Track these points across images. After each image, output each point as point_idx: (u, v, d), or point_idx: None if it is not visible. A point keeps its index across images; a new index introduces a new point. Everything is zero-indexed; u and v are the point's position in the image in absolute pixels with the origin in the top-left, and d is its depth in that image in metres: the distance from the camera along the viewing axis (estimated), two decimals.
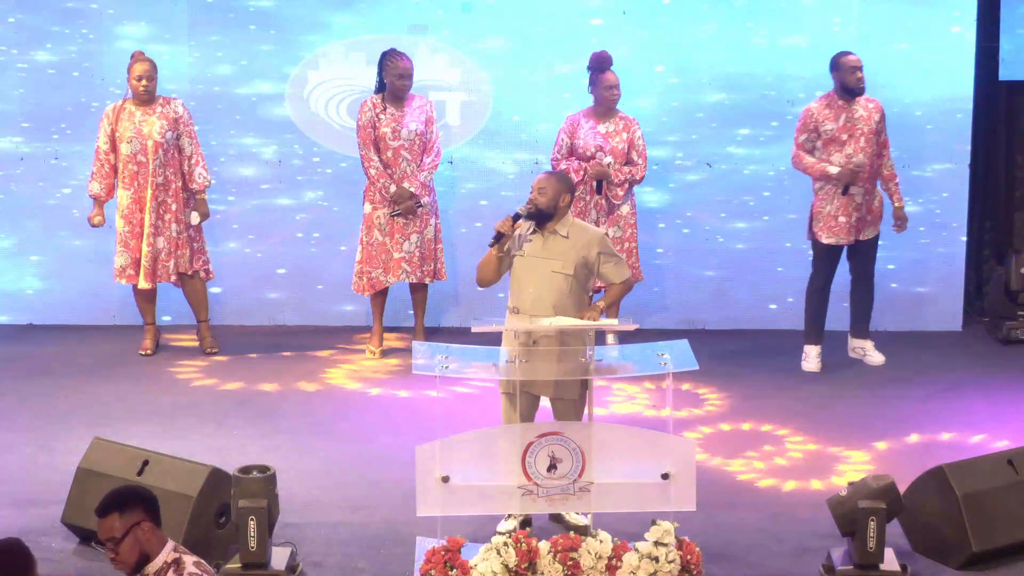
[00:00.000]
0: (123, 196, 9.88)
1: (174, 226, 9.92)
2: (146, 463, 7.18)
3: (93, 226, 10.00)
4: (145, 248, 9.89)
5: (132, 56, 9.92)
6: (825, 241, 9.78)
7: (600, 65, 9.97)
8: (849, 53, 9.72)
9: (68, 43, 10.63)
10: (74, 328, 10.78)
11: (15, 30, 10.62)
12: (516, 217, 7.35)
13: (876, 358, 10.08)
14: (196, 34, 10.59)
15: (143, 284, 9.94)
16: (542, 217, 7.33)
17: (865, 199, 9.75)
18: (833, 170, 9.61)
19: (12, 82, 10.68)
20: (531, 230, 7.37)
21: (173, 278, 10.01)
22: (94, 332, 10.71)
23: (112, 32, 10.62)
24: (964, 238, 10.81)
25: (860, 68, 9.67)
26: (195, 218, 9.99)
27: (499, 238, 7.34)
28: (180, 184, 9.93)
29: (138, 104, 9.87)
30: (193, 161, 9.95)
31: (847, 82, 9.65)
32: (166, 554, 5.27)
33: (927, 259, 10.77)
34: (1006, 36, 10.69)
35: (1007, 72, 10.78)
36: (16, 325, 10.86)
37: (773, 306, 10.71)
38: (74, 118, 10.70)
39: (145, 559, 5.26)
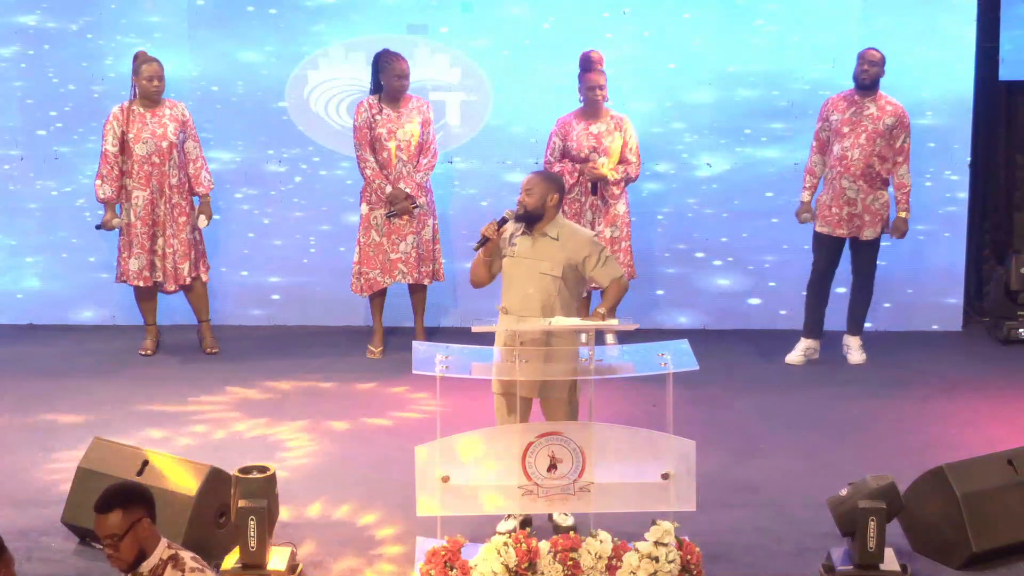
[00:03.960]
0: (139, 197, 9.84)
1: (188, 228, 9.92)
2: (146, 463, 7.17)
3: (110, 229, 9.92)
4: (167, 250, 9.88)
5: (137, 56, 9.87)
6: (817, 229, 9.93)
7: (584, 65, 9.97)
8: (871, 48, 9.80)
9: (68, 41, 10.63)
10: (74, 328, 10.78)
11: (14, 28, 10.63)
12: (503, 221, 7.35)
13: (856, 356, 10.10)
14: (195, 34, 10.58)
15: (170, 287, 9.94)
16: (531, 218, 7.32)
17: (860, 197, 9.79)
18: (802, 196, 9.97)
19: (12, 79, 10.68)
20: (520, 231, 7.37)
21: (189, 280, 10.00)
22: (94, 332, 10.72)
23: (112, 31, 10.62)
24: (964, 238, 10.81)
25: (871, 62, 9.76)
26: (203, 221, 9.98)
27: (484, 242, 7.35)
28: (188, 186, 9.94)
29: (147, 106, 9.84)
30: (199, 164, 9.94)
31: (856, 74, 9.78)
32: (161, 551, 5.28)
33: (927, 259, 10.77)
34: (1006, 36, 10.70)
35: (1007, 72, 10.79)
36: (16, 325, 10.86)
37: (784, 312, 10.68)
38: (73, 117, 10.70)
39: (142, 556, 5.27)
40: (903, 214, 9.85)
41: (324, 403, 9.35)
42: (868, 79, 9.76)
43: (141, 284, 9.94)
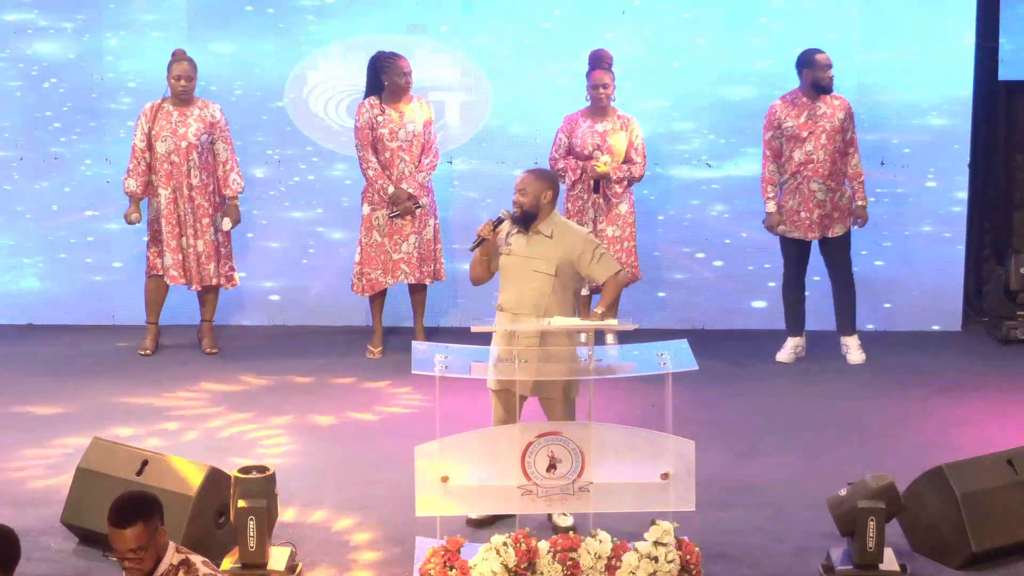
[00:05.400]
0: (162, 195, 9.86)
1: (211, 230, 9.93)
2: (146, 463, 7.17)
3: (130, 223, 9.95)
4: (189, 250, 9.89)
5: (173, 55, 9.90)
6: (788, 235, 9.94)
7: (591, 63, 9.98)
8: (820, 51, 9.81)
9: (67, 40, 10.62)
10: (74, 328, 10.78)
11: (13, 26, 10.62)
12: (499, 221, 7.41)
13: (856, 356, 10.10)
14: (195, 34, 10.58)
15: (193, 287, 9.95)
16: (527, 218, 7.36)
17: (829, 196, 9.81)
18: (769, 207, 9.89)
19: (9, 79, 10.67)
20: (515, 228, 7.41)
21: (215, 281, 10.01)
22: (94, 332, 10.71)
23: (110, 30, 10.61)
24: (964, 238, 10.81)
25: (830, 66, 9.75)
26: (227, 224, 9.99)
27: (480, 242, 7.39)
28: (215, 188, 9.94)
29: (176, 104, 9.85)
30: (228, 167, 9.94)
31: (820, 79, 9.76)
32: (170, 555, 5.27)
33: (927, 259, 10.77)
34: (1006, 36, 10.70)
35: (1007, 72, 10.79)
36: (16, 325, 10.85)
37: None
38: (73, 116, 10.70)
39: (157, 563, 5.26)
40: (861, 202, 9.87)
41: (323, 403, 9.34)
42: (831, 83, 9.77)
43: (169, 282, 9.95)
